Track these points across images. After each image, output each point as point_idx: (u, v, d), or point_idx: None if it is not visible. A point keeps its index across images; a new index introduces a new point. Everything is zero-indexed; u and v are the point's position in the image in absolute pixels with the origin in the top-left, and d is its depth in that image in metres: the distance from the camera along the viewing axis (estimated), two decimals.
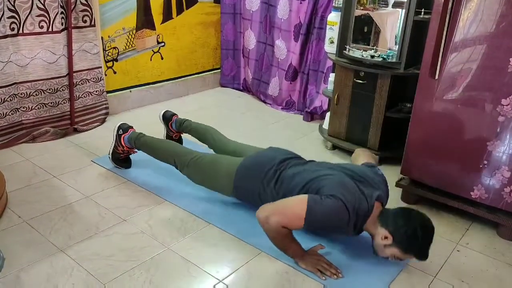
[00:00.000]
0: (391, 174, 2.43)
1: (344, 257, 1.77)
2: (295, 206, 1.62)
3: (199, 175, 2.06)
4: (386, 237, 1.62)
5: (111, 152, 2.35)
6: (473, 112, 1.88)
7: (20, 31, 2.51)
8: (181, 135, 2.63)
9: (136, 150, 2.36)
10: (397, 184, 2.20)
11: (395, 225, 1.61)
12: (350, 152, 2.56)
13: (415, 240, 1.58)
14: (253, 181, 1.87)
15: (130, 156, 2.41)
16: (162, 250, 1.77)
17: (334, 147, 2.80)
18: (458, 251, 1.87)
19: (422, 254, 1.62)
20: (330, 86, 2.77)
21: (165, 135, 2.62)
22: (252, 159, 1.95)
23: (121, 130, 2.32)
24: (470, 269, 1.76)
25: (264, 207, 1.67)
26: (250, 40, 3.67)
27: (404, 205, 2.19)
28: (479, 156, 1.90)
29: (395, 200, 2.22)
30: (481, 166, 1.90)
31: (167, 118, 2.58)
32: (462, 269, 1.76)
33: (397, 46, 2.32)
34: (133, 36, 3.20)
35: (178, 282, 1.61)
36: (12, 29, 2.47)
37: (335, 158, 2.68)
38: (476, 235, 1.98)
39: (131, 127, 2.35)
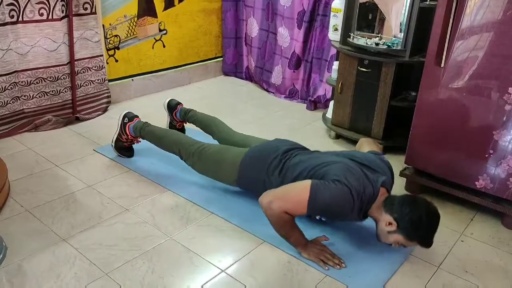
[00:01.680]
0: (395, 163, 2.41)
1: (348, 247, 1.76)
2: (299, 191, 1.61)
3: (203, 165, 2.04)
4: (390, 224, 1.61)
5: (114, 140, 2.34)
6: (479, 101, 1.85)
7: (20, 19, 2.48)
8: (184, 125, 2.62)
9: (140, 139, 2.35)
10: (401, 174, 2.19)
11: (400, 212, 1.59)
12: (354, 142, 2.54)
13: (419, 228, 1.57)
14: (257, 170, 1.86)
15: (132, 145, 2.40)
16: (165, 240, 1.77)
17: (338, 136, 2.78)
18: (462, 241, 1.86)
19: (426, 242, 1.61)
20: (333, 75, 2.74)
21: (168, 124, 2.61)
22: (257, 149, 1.94)
23: (126, 119, 2.31)
24: (474, 259, 1.75)
25: (268, 193, 1.65)
26: (253, 27, 3.62)
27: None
28: (485, 145, 1.88)
29: (399, 190, 2.21)
30: (486, 155, 1.88)
31: (172, 107, 2.57)
32: (466, 259, 1.75)
33: (402, 34, 2.28)
34: (134, 23, 3.17)
35: (181, 271, 1.61)
36: (12, 17, 2.44)
37: (339, 147, 2.66)
38: (481, 225, 1.97)
39: (137, 116, 2.34)
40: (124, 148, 2.36)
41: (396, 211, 1.60)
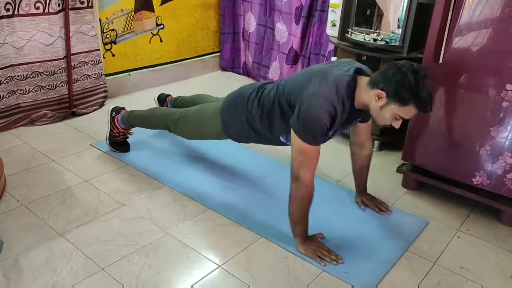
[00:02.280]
0: (392, 159, 2.43)
1: (344, 243, 1.76)
2: (298, 147, 1.59)
3: (189, 128, 2.09)
4: (379, 97, 1.54)
5: (107, 137, 2.34)
6: (476, 97, 1.85)
7: (16, 12, 2.46)
8: None
9: (132, 131, 2.36)
10: (398, 170, 2.19)
11: (383, 79, 1.53)
12: None
13: (408, 87, 1.48)
14: (238, 111, 1.87)
15: (127, 140, 2.39)
16: (161, 235, 1.76)
17: None
18: (458, 237, 1.86)
19: (421, 102, 1.51)
20: None
21: None
22: (234, 93, 1.96)
23: (114, 112, 2.33)
24: (470, 255, 1.76)
25: (292, 172, 1.63)
26: (250, 23, 3.61)
27: (405, 191, 2.18)
28: (482, 142, 1.88)
29: (396, 186, 2.21)
30: (483, 152, 1.88)
31: (162, 99, 2.63)
32: (462, 256, 1.75)
33: (400, 30, 2.28)
34: (131, 18, 3.15)
35: (177, 267, 1.61)
36: (7, 10, 2.42)
37: (335, 144, 2.65)
38: (477, 221, 1.98)
39: (123, 108, 2.36)
40: (118, 143, 2.36)
41: (380, 81, 1.54)
